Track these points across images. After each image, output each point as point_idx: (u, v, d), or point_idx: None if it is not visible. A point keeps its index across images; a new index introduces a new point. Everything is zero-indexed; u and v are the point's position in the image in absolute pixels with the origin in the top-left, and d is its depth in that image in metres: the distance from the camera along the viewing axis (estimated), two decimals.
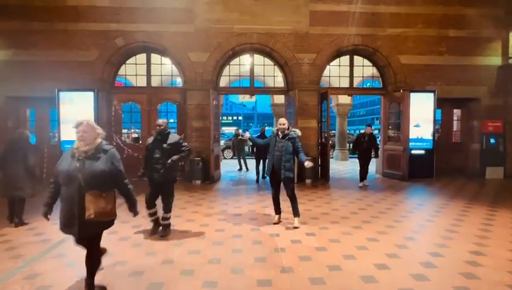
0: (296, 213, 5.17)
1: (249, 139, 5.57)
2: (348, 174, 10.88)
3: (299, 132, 5.24)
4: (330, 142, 10.09)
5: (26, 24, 8.87)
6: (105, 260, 3.83)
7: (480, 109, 10.01)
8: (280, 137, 5.10)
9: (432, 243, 4.39)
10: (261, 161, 9.24)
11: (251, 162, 11.19)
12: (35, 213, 5.59)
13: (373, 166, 11.46)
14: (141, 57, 9.71)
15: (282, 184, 5.17)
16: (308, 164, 4.88)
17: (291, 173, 5.04)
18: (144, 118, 9.68)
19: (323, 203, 6.75)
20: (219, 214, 5.89)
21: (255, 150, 9.93)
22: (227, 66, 9.99)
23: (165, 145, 4.61)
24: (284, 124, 5.10)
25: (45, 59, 8.90)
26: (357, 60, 10.15)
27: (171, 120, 11.33)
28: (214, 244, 4.35)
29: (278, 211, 5.36)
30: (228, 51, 9.39)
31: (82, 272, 3.52)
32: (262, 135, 9.71)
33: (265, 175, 5.35)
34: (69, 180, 2.74)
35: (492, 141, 9.91)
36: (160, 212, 4.75)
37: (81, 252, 4.08)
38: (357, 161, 8.99)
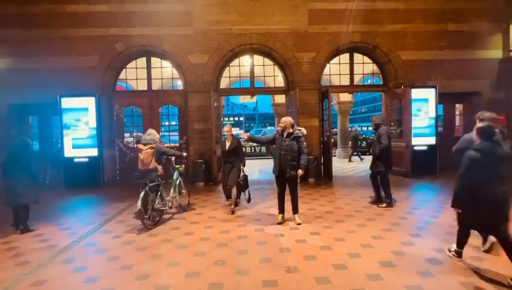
0: (296, 210, 5.33)
1: (250, 138, 5.57)
2: (351, 172, 10.85)
3: (304, 131, 5.27)
4: (332, 140, 10.07)
5: (26, 32, 8.93)
6: (110, 265, 3.86)
7: (482, 103, 9.94)
8: (285, 136, 5.14)
9: (437, 239, 4.38)
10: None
11: None
12: (41, 219, 5.66)
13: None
14: (141, 61, 9.75)
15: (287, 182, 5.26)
16: (300, 173, 5.04)
17: (296, 172, 5.08)
18: (146, 121, 9.70)
19: (327, 202, 6.75)
20: (223, 215, 5.90)
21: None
22: (227, 67, 10.00)
23: None
24: (283, 123, 5.19)
25: (46, 66, 8.95)
26: (357, 57, 10.13)
27: (173, 123, 11.35)
28: (218, 246, 4.35)
29: (281, 210, 5.39)
30: (228, 52, 9.40)
31: (89, 277, 3.55)
32: None
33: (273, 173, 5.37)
34: None
35: None
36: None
37: (88, 258, 4.12)
38: (360, 159, 8.73)
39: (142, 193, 4.82)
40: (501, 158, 3.13)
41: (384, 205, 6.16)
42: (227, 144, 6.22)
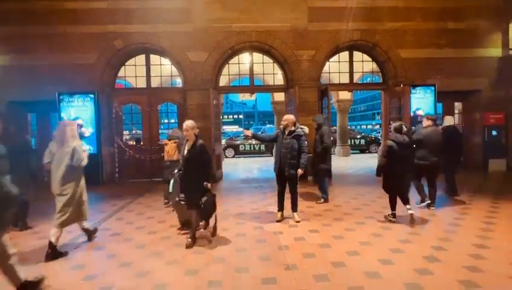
0: (295, 208, 5.33)
1: (253, 135, 5.55)
2: (350, 170, 10.86)
3: (306, 130, 5.28)
4: (332, 138, 10.06)
5: (25, 28, 8.89)
6: (110, 262, 3.87)
7: (481, 101, 9.96)
8: (286, 134, 5.13)
9: (435, 237, 4.39)
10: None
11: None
12: (40, 217, 5.65)
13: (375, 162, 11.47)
14: (140, 58, 9.72)
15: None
16: (299, 172, 5.06)
17: (295, 171, 5.07)
18: (145, 119, 9.69)
19: None
20: (222, 213, 5.88)
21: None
22: (227, 65, 9.98)
23: None
24: (285, 121, 5.15)
25: (45, 63, 8.91)
26: (357, 55, 10.11)
27: (172, 120, 11.33)
28: (217, 244, 4.36)
29: (281, 208, 5.39)
30: (227, 49, 9.37)
31: (88, 274, 3.55)
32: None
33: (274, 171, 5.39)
34: None
35: (494, 133, 9.87)
36: None
37: (86, 255, 4.12)
38: (358, 157, 8.87)
39: (172, 179, 5.35)
40: (405, 145, 4.86)
41: (321, 200, 6.44)
42: (186, 149, 4.34)
